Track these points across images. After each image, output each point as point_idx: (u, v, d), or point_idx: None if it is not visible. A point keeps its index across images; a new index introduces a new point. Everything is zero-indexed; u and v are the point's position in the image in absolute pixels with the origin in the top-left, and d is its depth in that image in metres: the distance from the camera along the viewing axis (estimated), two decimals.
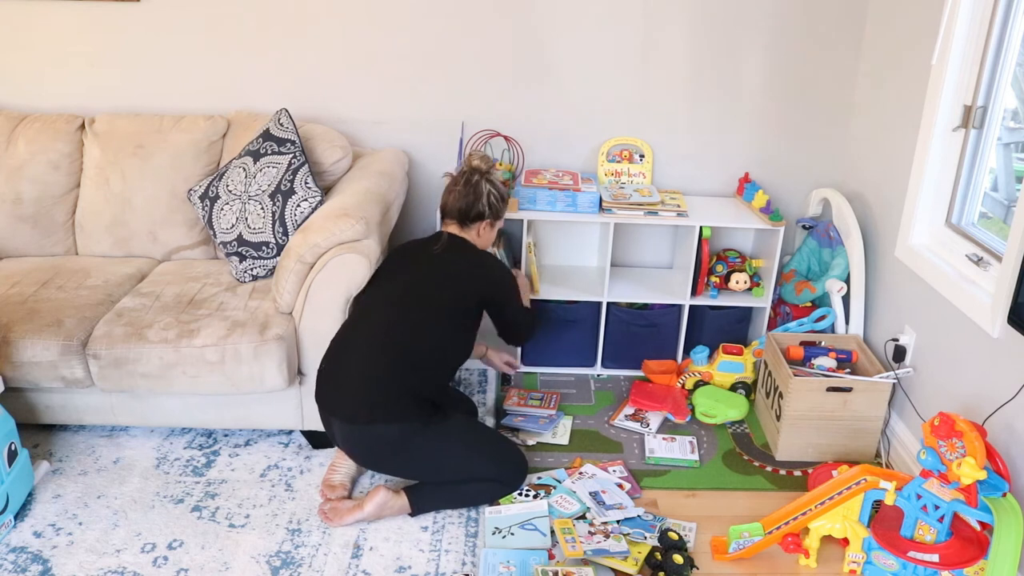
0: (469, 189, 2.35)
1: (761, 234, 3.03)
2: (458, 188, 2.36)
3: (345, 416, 2.12)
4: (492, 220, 2.41)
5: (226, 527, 2.15)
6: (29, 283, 2.51)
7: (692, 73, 2.93)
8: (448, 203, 2.38)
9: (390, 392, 2.10)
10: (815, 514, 2.01)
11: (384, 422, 2.09)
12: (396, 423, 2.10)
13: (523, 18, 2.86)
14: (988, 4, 2.18)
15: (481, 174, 2.37)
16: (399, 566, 2.03)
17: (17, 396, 2.36)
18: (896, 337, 2.51)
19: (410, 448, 2.12)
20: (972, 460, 1.79)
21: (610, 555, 2.02)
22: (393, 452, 2.14)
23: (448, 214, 2.39)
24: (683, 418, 2.69)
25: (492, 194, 2.38)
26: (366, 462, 2.24)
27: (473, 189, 2.35)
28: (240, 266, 2.60)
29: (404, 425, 2.10)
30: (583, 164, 3.07)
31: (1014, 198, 2.36)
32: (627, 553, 2.03)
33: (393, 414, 2.10)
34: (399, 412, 2.10)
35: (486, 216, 2.38)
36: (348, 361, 2.16)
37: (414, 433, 2.11)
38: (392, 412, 2.10)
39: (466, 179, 2.36)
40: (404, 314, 2.21)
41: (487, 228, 2.42)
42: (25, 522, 2.14)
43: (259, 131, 2.69)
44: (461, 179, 2.37)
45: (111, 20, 2.87)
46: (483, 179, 2.37)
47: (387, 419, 2.09)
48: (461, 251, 2.35)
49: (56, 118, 2.81)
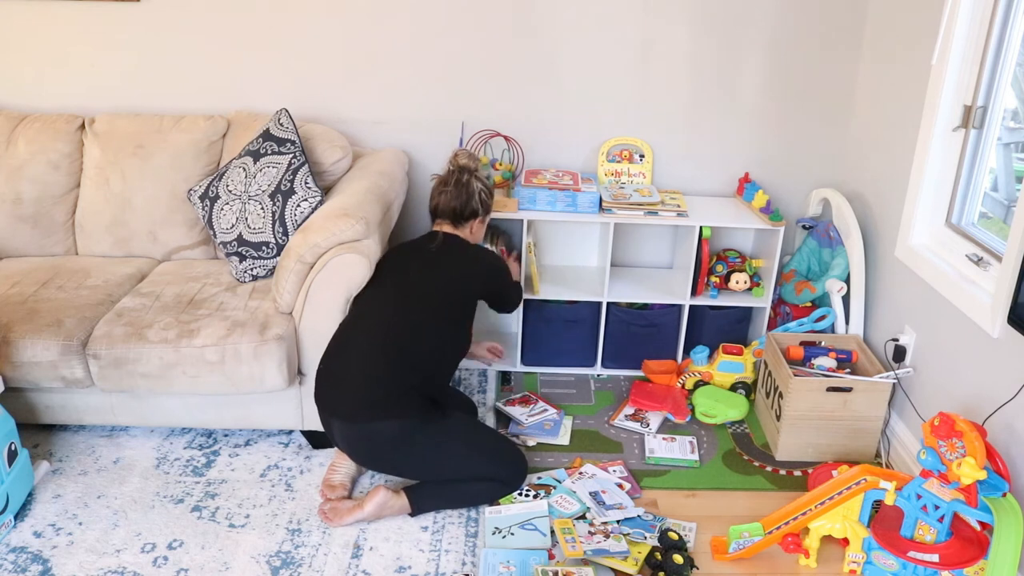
0: (461, 189, 2.40)
1: (761, 234, 3.03)
2: (449, 188, 2.40)
3: (345, 415, 2.12)
4: (484, 216, 2.48)
5: (226, 527, 2.15)
6: (29, 283, 2.51)
7: (692, 73, 2.93)
8: (440, 204, 2.42)
9: (390, 390, 2.10)
10: (815, 514, 2.01)
11: (384, 419, 2.10)
12: (396, 419, 2.10)
13: (523, 18, 2.86)
14: (988, 4, 2.18)
15: (470, 172, 2.43)
16: (399, 566, 2.03)
17: (17, 396, 2.36)
18: (896, 337, 2.51)
19: (410, 445, 2.12)
20: (972, 460, 1.79)
21: (610, 555, 2.02)
22: (393, 449, 2.13)
23: (441, 214, 2.43)
24: (683, 418, 2.69)
25: (482, 192, 2.44)
26: (366, 461, 2.24)
27: (464, 188, 2.40)
28: (240, 266, 2.60)
29: (404, 422, 2.10)
30: (583, 164, 3.07)
31: (1014, 198, 2.36)
32: (627, 553, 2.03)
33: (393, 411, 2.10)
34: (399, 409, 2.10)
35: (479, 214, 2.44)
36: (348, 360, 2.16)
37: (414, 430, 2.11)
38: (392, 409, 2.10)
39: (456, 179, 2.41)
40: (404, 314, 2.23)
41: (479, 224, 2.49)
42: (25, 522, 2.14)
43: (259, 131, 2.69)
44: (451, 179, 2.42)
45: (111, 20, 2.87)
46: (472, 177, 2.42)
47: (387, 416, 2.10)
48: (458, 250, 2.39)
49: (56, 118, 2.81)
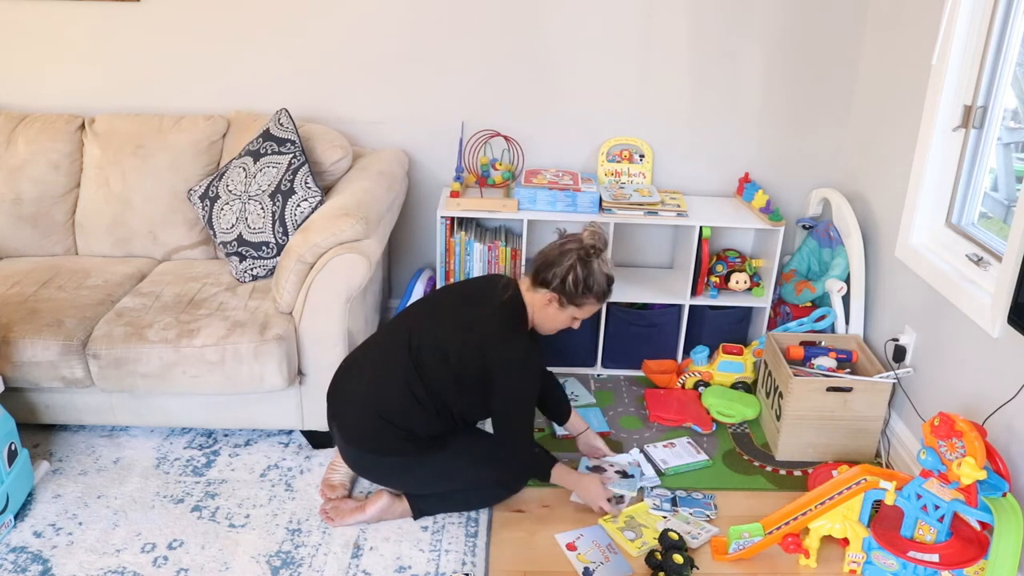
0: (567, 255, 2.04)
1: (761, 234, 3.03)
2: (558, 245, 2.08)
3: (344, 434, 2.12)
4: (556, 296, 2.07)
5: (226, 527, 2.15)
6: (29, 283, 2.51)
7: (692, 73, 2.93)
8: (540, 251, 2.12)
9: (384, 432, 2.07)
10: (815, 514, 2.01)
11: (378, 455, 2.10)
12: (391, 456, 2.10)
13: (523, 18, 2.86)
14: (988, 4, 2.18)
15: (597, 252, 2.06)
16: (399, 566, 2.03)
17: (17, 396, 2.36)
18: (896, 337, 2.51)
19: (407, 473, 2.12)
20: (972, 460, 1.79)
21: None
22: (390, 475, 2.15)
23: (531, 263, 2.15)
24: (709, 428, 2.63)
25: (583, 274, 2.04)
26: (364, 476, 2.25)
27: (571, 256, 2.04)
28: (240, 266, 2.60)
29: (398, 459, 2.10)
30: (583, 164, 3.07)
31: (1014, 198, 2.36)
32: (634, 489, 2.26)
33: (387, 450, 2.09)
34: (394, 448, 2.08)
35: (551, 286, 2.06)
36: (354, 384, 2.14)
37: (410, 464, 2.10)
38: (385, 448, 2.09)
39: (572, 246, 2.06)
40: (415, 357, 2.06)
41: (546, 303, 2.09)
42: (25, 522, 2.14)
43: (259, 131, 2.69)
44: (571, 243, 2.07)
45: (111, 20, 2.87)
46: (596, 258, 2.06)
47: (381, 453, 2.10)
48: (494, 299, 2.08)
49: (56, 118, 2.81)
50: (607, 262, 2.11)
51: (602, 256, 2.08)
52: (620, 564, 2.04)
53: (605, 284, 2.10)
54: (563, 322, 2.15)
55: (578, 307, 2.11)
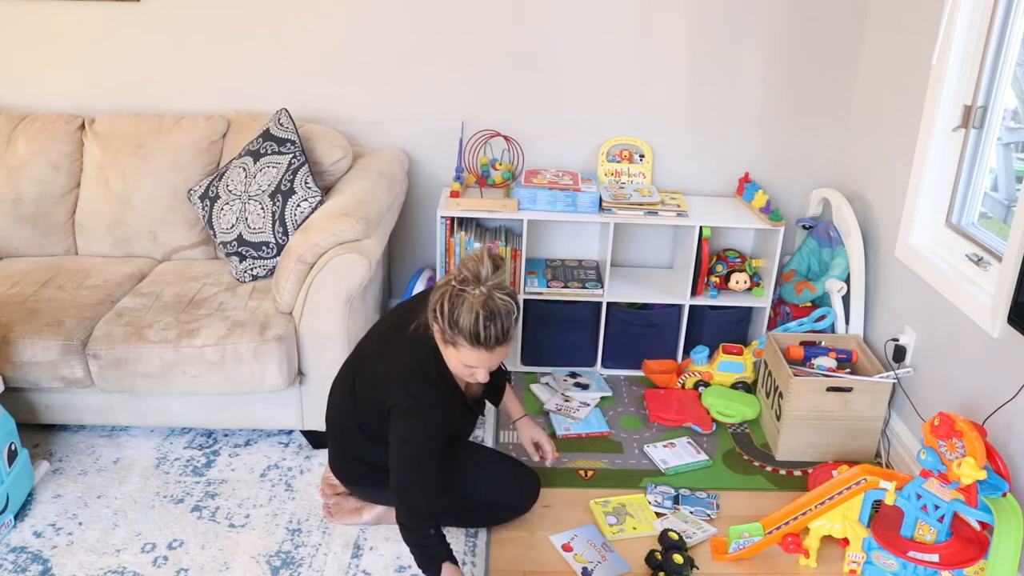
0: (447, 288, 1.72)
1: (761, 234, 3.03)
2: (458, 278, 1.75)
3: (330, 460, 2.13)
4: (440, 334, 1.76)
5: (226, 527, 2.15)
6: (29, 283, 2.51)
7: (692, 73, 2.93)
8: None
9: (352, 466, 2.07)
10: (815, 514, 2.01)
11: (357, 486, 2.11)
12: (367, 488, 2.10)
13: (523, 18, 2.86)
14: (988, 4, 2.18)
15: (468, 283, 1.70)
16: (399, 566, 2.02)
17: (17, 396, 2.36)
18: (896, 337, 2.51)
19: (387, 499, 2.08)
20: (972, 460, 1.79)
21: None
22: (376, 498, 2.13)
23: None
24: (709, 428, 2.64)
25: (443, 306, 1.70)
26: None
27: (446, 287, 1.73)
28: (240, 266, 2.60)
29: (375, 490, 2.07)
30: (583, 164, 3.07)
31: (1014, 198, 2.36)
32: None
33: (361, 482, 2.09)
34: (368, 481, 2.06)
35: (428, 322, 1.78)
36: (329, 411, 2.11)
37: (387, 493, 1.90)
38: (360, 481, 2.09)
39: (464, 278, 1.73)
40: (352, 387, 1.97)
41: (438, 335, 1.78)
42: (25, 522, 2.14)
43: (259, 131, 2.69)
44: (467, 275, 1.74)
45: (111, 20, 2.87)
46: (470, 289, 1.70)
47: (357, 484, 2.10)
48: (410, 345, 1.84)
49: (56, 118, 2.81)
50: (495, 298, 1.68)
51: (484, 289, 1.68)
52: (617, 562, 2.04)
53: (471, 324, 1.66)
54: (455, 367, 1.80)
55: (456, 348, 1.74)
